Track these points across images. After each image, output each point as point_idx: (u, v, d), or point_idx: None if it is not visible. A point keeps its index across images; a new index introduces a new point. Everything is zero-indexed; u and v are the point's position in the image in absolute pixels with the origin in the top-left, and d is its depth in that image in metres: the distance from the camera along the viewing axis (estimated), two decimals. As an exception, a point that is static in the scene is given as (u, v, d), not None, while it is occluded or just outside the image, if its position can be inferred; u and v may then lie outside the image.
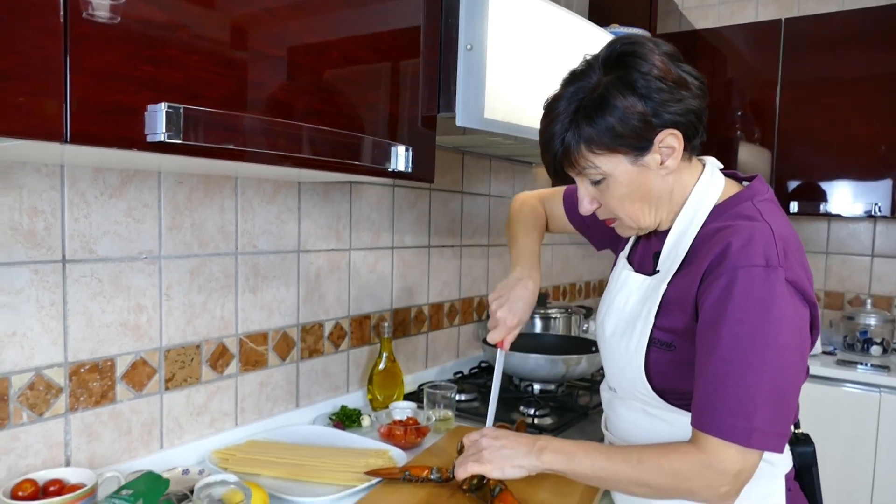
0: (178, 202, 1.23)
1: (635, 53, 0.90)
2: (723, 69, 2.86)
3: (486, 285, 2.27)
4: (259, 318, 1.41)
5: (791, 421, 0.91)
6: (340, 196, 1.61)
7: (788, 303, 0.86)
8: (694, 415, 0.90)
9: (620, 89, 0.89)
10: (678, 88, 0.90)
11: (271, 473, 1.19)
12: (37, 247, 1.03)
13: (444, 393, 1.53)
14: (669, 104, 0.89)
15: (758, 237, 0.87)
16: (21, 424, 1.03)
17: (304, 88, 0.97)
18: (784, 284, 0.85)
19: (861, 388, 2.38)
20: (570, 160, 0.95)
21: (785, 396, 0.87)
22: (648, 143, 0.91)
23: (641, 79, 0.88)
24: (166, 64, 0.78)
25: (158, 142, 0.75)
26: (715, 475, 0.86)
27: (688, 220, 0.98)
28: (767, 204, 0.96)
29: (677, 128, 0.91)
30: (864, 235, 2.89)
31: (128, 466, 1.14)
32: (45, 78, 0.66)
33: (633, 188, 0.95)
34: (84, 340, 1.10)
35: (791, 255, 0.88)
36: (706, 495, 0.88)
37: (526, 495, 1.13)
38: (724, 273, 0.87)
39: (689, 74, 0.92)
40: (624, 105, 0.89)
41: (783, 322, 0.85)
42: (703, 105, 0.94)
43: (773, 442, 0.86)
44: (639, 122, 0.89)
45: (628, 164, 0.93)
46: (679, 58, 0.93)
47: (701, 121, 0.94)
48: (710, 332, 0.88)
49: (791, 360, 0.86)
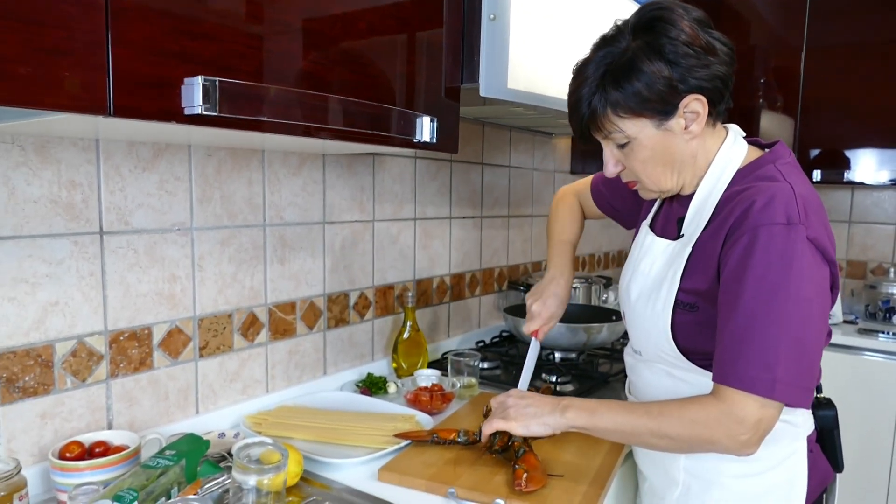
0: (207, 175, 1.26)
1: (664, 18, 0.91)
2: (746, 35, 2.81)
3: (506, 256, 2.28)
4: (287, 288, 1.45)
5: (815, 377, 0.91)
6: (364, 168, 1.62)
7: (809, 259, 0.87)
8: (715, 370, 0.91)
9: (648, 54, 0.90)
10: (706, 54, 0.91)
11: (303, 437, 1.23)
12: (75, 219, 1.06)
13: (468, 361, 1.56)
14: (696, 69, 0.90)
15: (779, 196, 0.89)
16: (66, 390, 1.07)
17: (332, 59, 0.99)
18: (805, 242, 0.87)
19: (883, 356, 2.38)
20: (597, 123, 0.97)
21: (807, 350, 0.88)
22: (673, 107, 0.92)
23: (669, 44, 0.89)
24: (202, 37, 0.79)
25: (196, 114, 0.76)
26: (734, 423, 0.88)
27: (712, 183, 1.00)
28: (789, 166, 0.97)
29: (703, 93, 0.92)
30: (888, 204, 2.86)
31: (166, 430, 1.19)
32: (89, 52, 0.68)
33: (656, 152, 0.97)
34: (122, 309, 1.14)
35: (812, 214, 0.90)
36: (727, 444, 0.90)
37: (551, 456, 1.16)
38: (746, 232, 0.89)
39: (718, 41, 0.93)
40: (651, 70, 0.90)
41: (804, 277, 0.86)
42: (731, 72, 0.95)
43: (797, 395, 0.87)
44: (665, 86, 0.90)
45: (653, 128, 0.94)
46: (709, 24, 0.94)
47: (727, 87, 0.95)
48: (733, 288, 0.90)
49: (813, 313, 0.88)
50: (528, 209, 2.41)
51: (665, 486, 1.12)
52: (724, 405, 0.89)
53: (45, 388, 1.05)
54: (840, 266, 2.84)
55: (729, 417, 0.88)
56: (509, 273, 2.31)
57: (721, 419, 0.89)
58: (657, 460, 1.14)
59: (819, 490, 1.09)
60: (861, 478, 2.38)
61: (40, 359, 1.04)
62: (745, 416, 0.87)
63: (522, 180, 2.35)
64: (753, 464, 1.01)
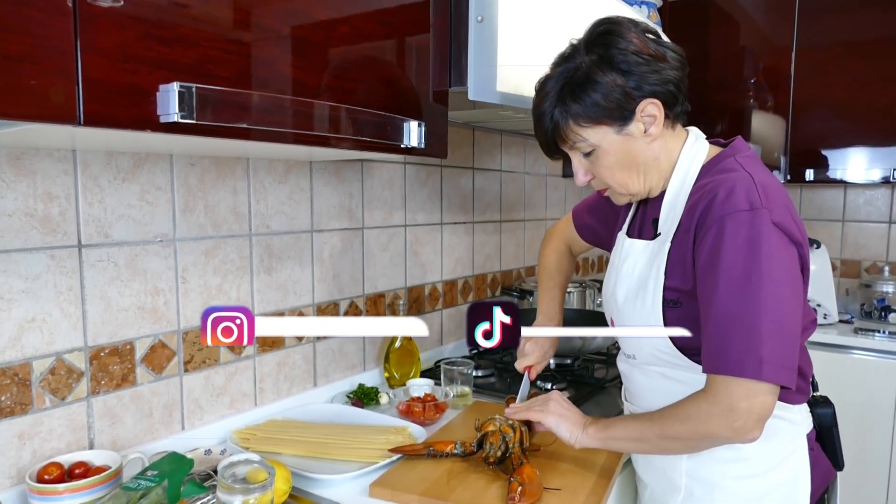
0: (190, 184, 1.22)
1: (613, 32, 0.97)
2: (735, 36, 2.80)
3: (498, 261, 2.26)
4: (275, 298, 1.41)
5: (797, 357, 0.93)
6: (352, 175, 1.60)
7: (776, 241, 0.90)
8: (704, 362, 0.94)
9: (602, 66, 0.96)
10: (656, 61, 0.97)
11: (292, 452, 1.20)
12: (52, 232, 1.03)
13: (461, 369, 1.54)
14: (648, 76, 0.96)
15: (740, 184, 0.93)
16: (44, 409, 1.04)
17: (314, 65, 0.96)
18: (770, 225, 0.90)
19: (879, 355, 2.36)
20: (561, 135, 1.02)
21: (786, 330, 0.90)
22: (631, 113, 0.98)
23: (620, 54, 0.96)
24: (178, 43, 0.76)
25: (172, 122, 0.74)
26: (726, 412, 0.90)
27: (680, 181, 1.04)
28: (748, 159, 1.01)
29: (657, 97, 0.98)
30: (881, 202, 2.85)
31: (150, 448, 1.15)
32: (57, 59, 0.65)
33: (620, 157, 1.02)
34: (103, 324, 1.10)
35: (774, 199, 0.93)
36: (726, 434, 0.91)
37: (548, 467, 1.13)
38: (712, 224, 0.92)
39: (667, 48, 1.00)
40: (606, 80, 0.96)
41: (774, 259, 0.89)
42: (682, 76, 1.01)
43: (783, 375, 0.89)
44: (620, 94, 0.96)
45: (614, 134, 1.00)
46: (657, 34, 1.01)
47: (681, 90, 1.01)
48: (708, 280, 0.92)
49: (786, 294, 0.91)
50: (521, 213, 2.39)
51: (667, 492, 1.11)
52: (714, 397, 0.91)
53: (23, 407, 1.01)
54: (834, 265, 2.85)
55: (720, 407, 0.90)
56: (502, 278, 2.29)
57: (712, 411, 0.91)
58: (657, 467, 1.13)
59: (821, 489, 1.11)
60: (860, 477, 2.37)
61: (17, 377, 1.00)
62: (733, 403, 0.89)
63: (514, 184, 2.33)
64: (755, 464, 1.02)
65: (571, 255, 1.46)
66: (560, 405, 1.12)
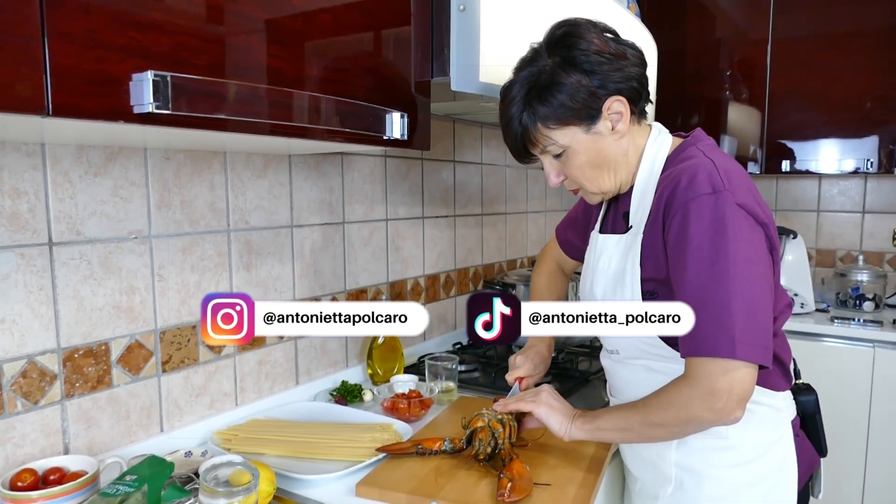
0: (166, 179, 1.19)
1: (573, 34, 0.98)
2: (711, 29, 2.81)
3: (480, 255, 2.24)
4: (255, 295, 1.38)
5: (771, 335, 0.93)
6: (332, 169, 1.57)
7: (742, 222, 0.91)
8: (681, 347, 0.94)
9: (566, 68, 0.97)
10: (617, 59, 0.98)
11: (275, 452, 1.17)
12: (21, 230, 0.99)
13: (446, 364, 1.52)
14: (611, 74, 0.98)
15: (701, 169, 0.94)
16: (16, 413, 1.00)
17: (293, 54, 0.93)
18: (734, 206, 0.90)
19: (855, 343, 2.40)
20: (531, 139, 1.03)
21: (757, 309, 0.90)
22: (597, 112, 0.99)
23: (582, 55, 0.97)
24: (151, 29, 0.73)
25: (146, 112, 0.70)
26: (706, 394, 0.89)
27: (647, 173, 1.05)
28: (709, 147, 1.03)
29: (621, 94, 0.99)
30: (854, 192, 2.89)
31: (128, 451, 1.12)
32: (22, 46, 0.62)
33: (590, 156, 1.02)
34: (76, 325, 1.06)
35: (736, 182, 0.93)
36: (708, 417, 0.91)
37: (536, 462, 1.12)
38: (678, 210, 0.93)
39: (627, 46, 1.01)
40: (570, 81, 0.97)
41: (740, 239, 0.90)
42: (643, 72, 1.02)
43: (758, 353, 0.89)
44: (586, 94, 0.97)
45: (583, 133, 1.01)
46: (615, 34, 1.02)
47: (644, 86, 1.02)
48: (678, 265, 0.93)
49: (755, 273, 0.91)
50: (502, 207, 2.37)
51: (657, 484, 1.11)
52: (693, 380, 0.91)
53: (-7, 412, 0.97)
54: (809, 255, 2.88)
55: (700, 390, 0.90)
56: (485, 272, 2.27)
57: (693, 394, 0.91)
58: (647, 459, 1.13)
59: (807, 476, 1.12)
60: (837, 463, 2.40)
61: (-14, 382, 0.96)
62: (712, 385, 0.89)
63: (495, 177, 2.31)
64: (742, 452, 1.03)
65: (563, 273, 1.46)
66: (552, 397, 1.12)
